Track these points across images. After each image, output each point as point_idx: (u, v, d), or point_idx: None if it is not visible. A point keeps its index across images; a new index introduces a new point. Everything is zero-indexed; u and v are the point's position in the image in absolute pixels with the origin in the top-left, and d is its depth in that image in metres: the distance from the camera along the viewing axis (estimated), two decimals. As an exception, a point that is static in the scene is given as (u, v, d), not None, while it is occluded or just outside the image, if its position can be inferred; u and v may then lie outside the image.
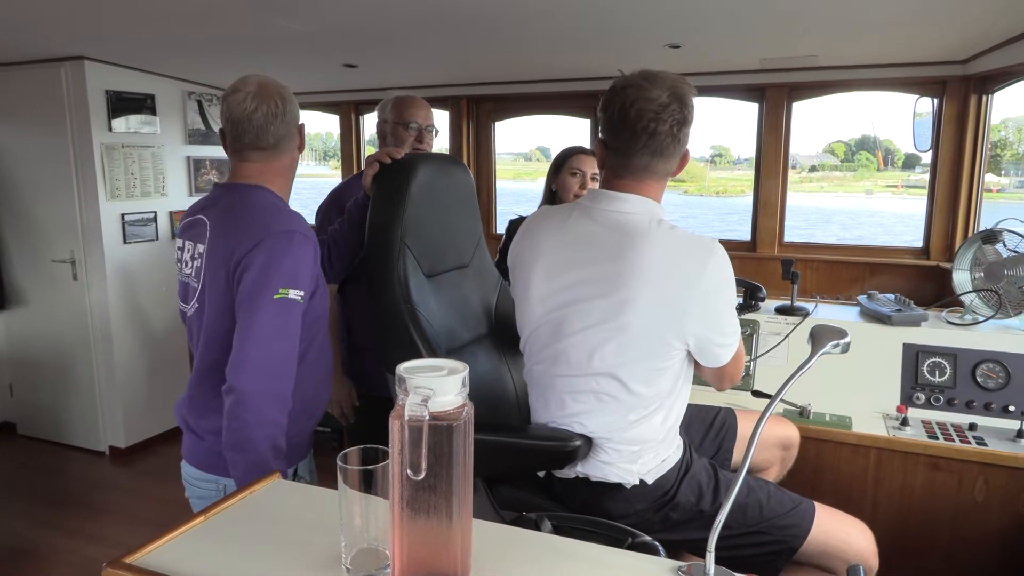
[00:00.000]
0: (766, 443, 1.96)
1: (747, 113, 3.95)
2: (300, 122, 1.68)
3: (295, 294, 1.49)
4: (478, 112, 4.71)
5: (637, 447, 1.54)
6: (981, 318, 2.30)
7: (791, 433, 2.02)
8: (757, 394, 2.27)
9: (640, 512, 1.57)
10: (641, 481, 1.56)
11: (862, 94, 3.87)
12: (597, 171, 2.77)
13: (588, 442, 1.55)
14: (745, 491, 1.56)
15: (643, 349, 1.48)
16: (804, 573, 1.59)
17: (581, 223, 1.56)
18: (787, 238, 4.12)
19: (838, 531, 1.58)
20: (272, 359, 1.47)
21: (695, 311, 1.44)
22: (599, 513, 1.55)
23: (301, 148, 1.70)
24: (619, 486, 1.56)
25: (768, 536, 1.54)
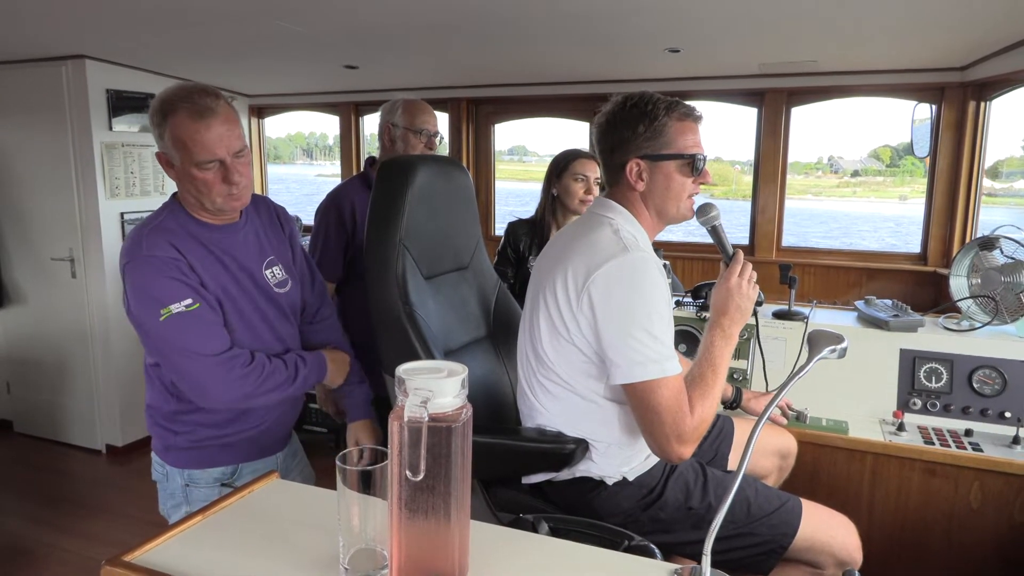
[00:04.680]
0: (764, 451, 1.97)
1: (793, 118, 3.93)
2: (160, 150, 1.55)
3: (178, 307, 1.46)
4: (477, 114, 4.71)
5: (601, 444, 1.57)
6: (978, 324, 2.31)
7: (789, 443, 2.03)
8: (755, 398, 2.27)
9: (628, 511, 1.58)
10: (623, 478, 1.58)
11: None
12: (599, 175, 2.77)
13: (584, 445, 1.56)
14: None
15: (549, 319, 1.55)
16: (791, 568, 1.61)
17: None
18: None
19: (824, 527, 1.60)
20: (196, 367, 1.49)
21: (586, 301, 1.47)
22: (587, 512, 1.57)
23: (179, 163, 1.53)
24: (602, 483, 1.58)
25: (758, 536, 1.55)
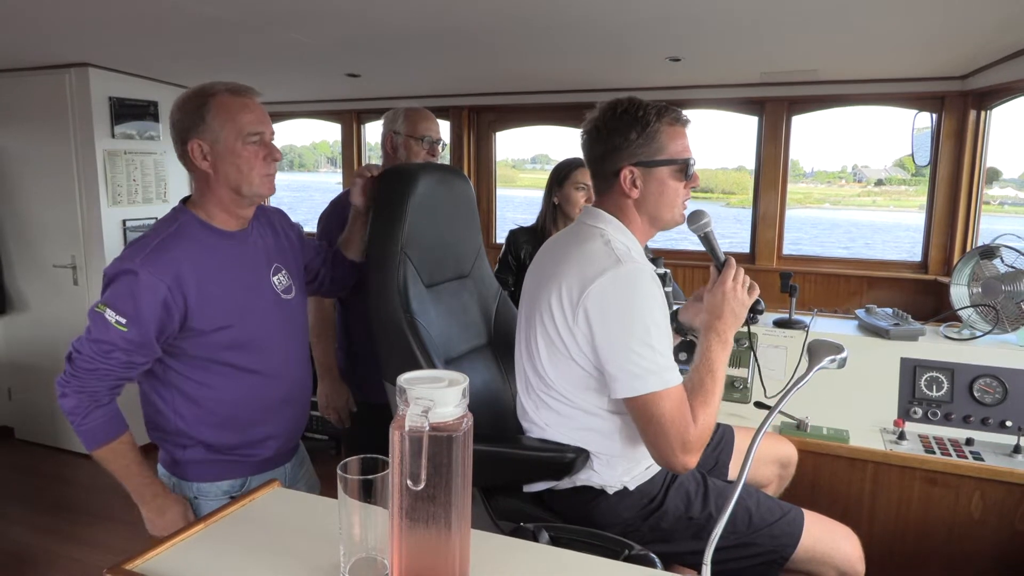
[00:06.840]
0: (764, 460, 1.96)
1: (818, 124, 3.91)
2: (194, 139, 1.53)
3: (111, 316, 1.48)
4: (479, 122, 4.73)
5: (603, 455, 1.57)
6: (979, 333, 2.31)
7: (789, 451, 2.03)
8: (759, 405, 2.29)
9: (628, 521, 1.58)
10: (624, 487, 1.57)
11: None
12: None
13: (585, 455, 1.56)
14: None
15: (547, 336, 1.54)
16: None
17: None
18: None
19: (826, 538, 1.60)
20: (74, 354, 1.52)
21: (582, 316, 1.46)
22: (587, 520, 1.57)
23: (223, 141, 1.53)
24: (603, 492, 1.58)
25: (759, 547, 1.55)
